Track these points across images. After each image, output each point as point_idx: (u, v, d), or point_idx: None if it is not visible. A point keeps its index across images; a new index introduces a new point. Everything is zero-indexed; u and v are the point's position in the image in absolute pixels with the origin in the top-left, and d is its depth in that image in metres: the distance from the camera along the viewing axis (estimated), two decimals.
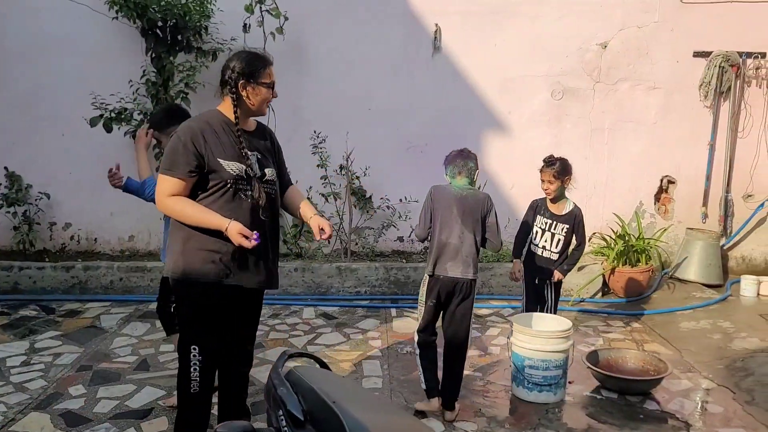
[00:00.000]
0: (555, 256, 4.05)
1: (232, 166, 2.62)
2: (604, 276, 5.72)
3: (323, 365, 1.94)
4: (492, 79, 6.01)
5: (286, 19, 5.49)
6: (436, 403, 3.51)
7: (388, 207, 6.01)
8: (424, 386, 3.54)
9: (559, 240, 4.04)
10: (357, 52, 5.95)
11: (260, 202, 2.68)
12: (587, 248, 6.05)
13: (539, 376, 3.65)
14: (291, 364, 1.90)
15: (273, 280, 2.89)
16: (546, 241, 4.07)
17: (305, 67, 5.96)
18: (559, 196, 4.02)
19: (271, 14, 5.45)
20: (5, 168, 5.92)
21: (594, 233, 6.15)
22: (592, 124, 6.11)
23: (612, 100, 6.08)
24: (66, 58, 5.84)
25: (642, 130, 6.13)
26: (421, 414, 3.52)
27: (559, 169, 3.90)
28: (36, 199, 5.93)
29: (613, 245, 5.84)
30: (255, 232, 2.58)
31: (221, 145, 2.62)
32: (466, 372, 3.97)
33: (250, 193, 2.67)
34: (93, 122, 5.39)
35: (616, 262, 5.68)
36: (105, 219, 6.13)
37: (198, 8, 5.30)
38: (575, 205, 4.07)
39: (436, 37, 5.93)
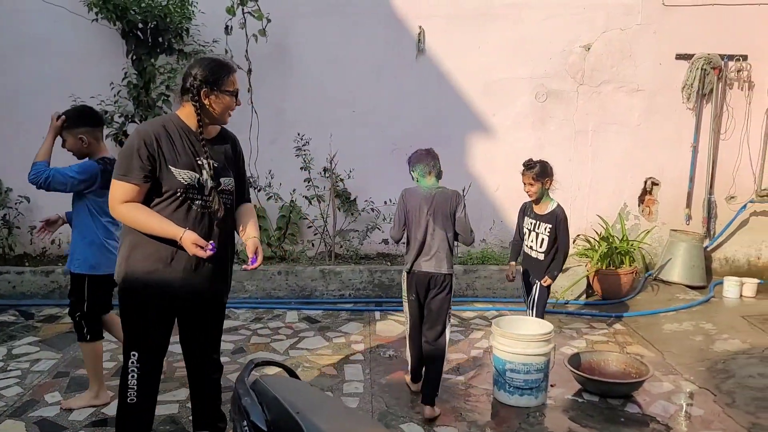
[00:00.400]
0: (541, 256, 4.08)
1: (183, 175, 2.55)
2: (588, 278, 5.72)
3: (292, 374, 1.92)
4: (476, 81, 6.00)
5: (269, 20, 5.45)
6: (418, 387, 3.79)
7: (372, 209, 5.98)
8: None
9: (543, 239, 4.07)
10: (341, 54, 5.92)
11: (219, 214, 2.62)
12: (572, 250, 6.07)
13: (520, 380, 3.63)
14: (267, 371, 1.87)
15: (224, 290, 2.84)
16: (532, 240, 4.13)
17: (288, 69, 5.92)
18: (541, 197, 4.06)
19: (254, 16, 5.41)
20: None
21: (578, 235, 6.16)
22: (575, 126, 6.12)
23: (595, 102, 6.09)
24: (46, 60, 5.78)
25: (625, 132, 6.15)
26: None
27: (538, 171, 3.96)
28: (16, 203, 5.87)
29: (597, 247, 5.85)
30: (211, 242, 2.53)
31: (175, 151, 2.55)
32: (448, 376, 4.00)
33: (200, 202, 2.59)
34: None
35: (600, 263, 5.69)
36: None
37: (179, 10, 5.25)
38: (558, 205, 4.08)
39: (419, 40, 5.91)
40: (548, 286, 4.10)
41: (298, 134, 5.76)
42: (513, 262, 4.28)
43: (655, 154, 6.18)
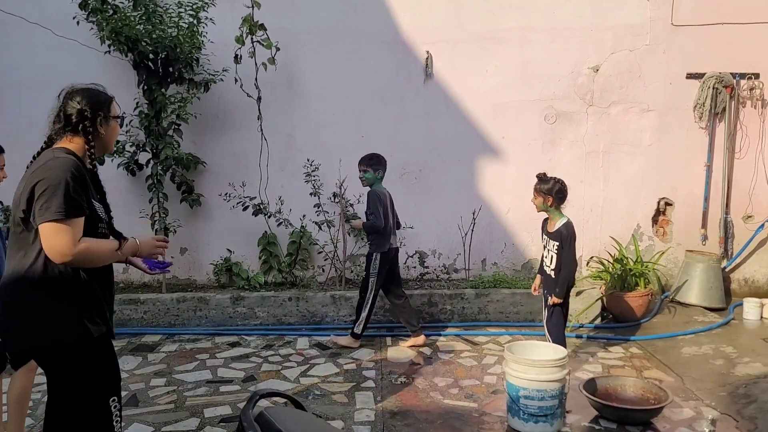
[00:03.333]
0: (553, 273, 4.14)
1: (99, 208, 2.44)
2: (602, 300, 5.63)
3: (298, 405, 1.88)
4: (484, 104, 6.01)
5: (278, 49, 5.50)
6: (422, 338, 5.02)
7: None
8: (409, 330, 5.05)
9: (552, 257, 4.13)
10: (349, 80, 5.96)
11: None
12: (585, 272, 6.01)
13: (535, 407, 3.55)
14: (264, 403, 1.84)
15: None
16: (545, 257, 4.22)
17: (297, 96, 5.97)
18: (549, 213, 4.17)
19: (263, 45, 5.46)
20: (0, 202, 5.90)
21: (591, 257, 6.09)
22: (586, 147, 6.09)
23: (606, 123, 6.06)
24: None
25: (637, 153, 6.10)
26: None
27: (540, 185, 4.09)
28: None
29: (610, 269, 5.76)
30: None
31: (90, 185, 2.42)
32: (461, 403, 3.93)
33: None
34: None
35: (614, 286, 5.60)
36: None
37: (189, 40, 5.31)
38: (565, 223, 4.11)
39: (427, 64, 5.94)
40: (563, 306, 4.14)
41: (308, 160, 5.78)
42: (539, 275, 4.39)
43: (668, 174, 6.12)
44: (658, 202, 6.18)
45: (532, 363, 3.58)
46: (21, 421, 3.32)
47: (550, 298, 4.13)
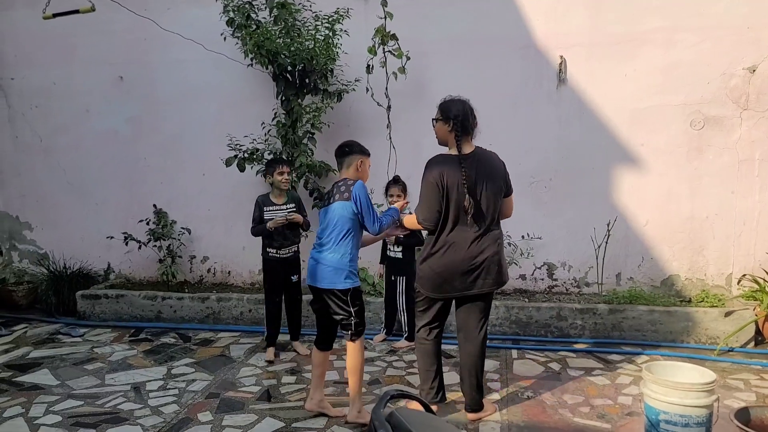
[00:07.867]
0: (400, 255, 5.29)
1: None
2: (757, 323, 5.09)
3: (427, 408, 1.86)
4: (622, 110, 5.69)
5: (408, 58, 5.56)
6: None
7: (509, 244, 5.82)
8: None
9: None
10: (477, 87, 5.83)
11: None
12: (736, 291, 5.51)
13: None
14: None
15: None
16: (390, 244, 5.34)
17: (426, 104, 5.96)
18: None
19: (394, 54, 5.55)
20: (154, 205, 6.49)
21: (744, 275, 5.54)
22: (739, 154, 5.56)
23: (763, 129, 5.50)
24: (207, 104, 6.35)
25: None
26: None
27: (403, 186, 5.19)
28: (179, 234, 6.43)
29: (767, 289, 5.20)
30: None
31: None
32: (592, 422, 3.72)
33: None
34: (228, 162, 5.77)
35: None
36: (237, 253, 6.51)
37: (324, 52, 5.52)
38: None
39: (561, 70, 5.74)
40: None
41: None
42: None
43: None
44: None
45: (674, 385, 3.31)
46: (320, 384, 3.98)
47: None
